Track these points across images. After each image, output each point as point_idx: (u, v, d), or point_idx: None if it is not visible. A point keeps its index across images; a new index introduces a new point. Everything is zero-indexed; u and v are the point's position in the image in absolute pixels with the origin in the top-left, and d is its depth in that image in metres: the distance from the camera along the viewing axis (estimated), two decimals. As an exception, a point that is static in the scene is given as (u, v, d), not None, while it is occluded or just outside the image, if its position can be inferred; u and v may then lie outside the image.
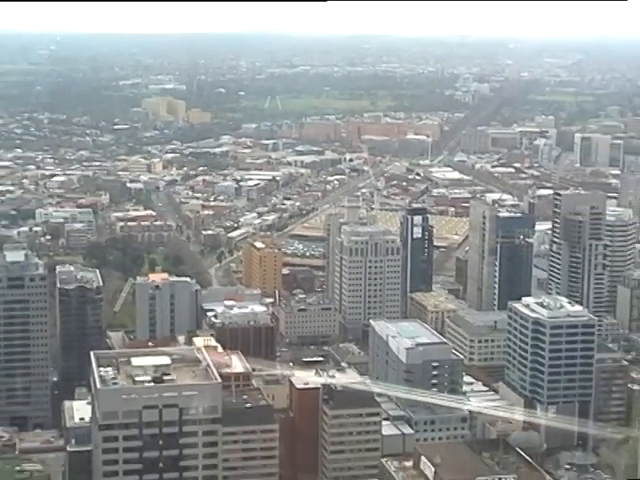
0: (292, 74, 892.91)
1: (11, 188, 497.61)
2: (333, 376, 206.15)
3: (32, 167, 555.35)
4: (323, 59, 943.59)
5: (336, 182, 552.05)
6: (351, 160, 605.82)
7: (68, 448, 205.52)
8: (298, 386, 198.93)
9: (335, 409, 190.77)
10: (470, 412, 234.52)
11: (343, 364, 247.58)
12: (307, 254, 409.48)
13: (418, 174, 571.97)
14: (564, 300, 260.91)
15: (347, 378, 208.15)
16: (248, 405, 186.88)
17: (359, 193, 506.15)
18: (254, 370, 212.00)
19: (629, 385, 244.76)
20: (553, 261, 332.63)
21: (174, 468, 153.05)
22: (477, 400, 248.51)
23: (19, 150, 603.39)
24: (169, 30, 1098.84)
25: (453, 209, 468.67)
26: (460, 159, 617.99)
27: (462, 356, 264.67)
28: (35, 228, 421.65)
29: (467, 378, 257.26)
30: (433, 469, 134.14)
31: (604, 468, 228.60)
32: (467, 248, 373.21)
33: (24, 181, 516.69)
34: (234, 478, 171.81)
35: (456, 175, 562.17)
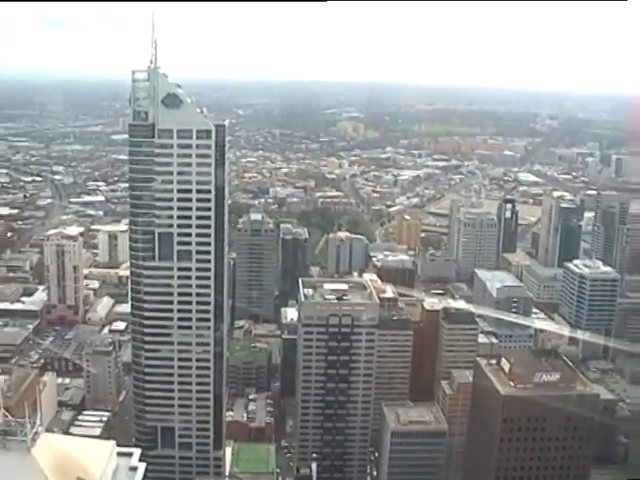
0: (431, 109, 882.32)
1: (255, 175, 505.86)
2: (449, 303, 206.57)
3: (268, 162, 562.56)
4: (452, 100, 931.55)
5: (457, 179, 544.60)
6: (467, 166, 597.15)
7: (283, 336, 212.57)
8: (427, 308, 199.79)
9: (449, 324, 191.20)
10: (535, 331, 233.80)
11: (456, 296, 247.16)
12: (437, 225, 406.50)
13: (510, 177, 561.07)
14: (600, 263, 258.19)
15: (458, 305, 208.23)
16: (395, 318, 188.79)
17: (472, 187, 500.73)
18: (400, 296, 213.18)
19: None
20: (594, 237, 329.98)
21: (346, 353, 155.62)
22: (540, 324, 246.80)
23: (261, 152, 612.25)
24: (354, 79, 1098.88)
25: (532, 200, 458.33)
26: (537, 168, 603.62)
27: (532, 295, 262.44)
28: (269, 200, 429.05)
29: (534, 309, 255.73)
30: (509, 366, 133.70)
31: (618, 372, 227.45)
32: (539, 226, 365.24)
33: (263, 171, 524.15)
34: (384, 362, 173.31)
35: (534, 178, 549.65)
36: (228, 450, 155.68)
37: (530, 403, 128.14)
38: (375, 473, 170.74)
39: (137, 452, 73.44)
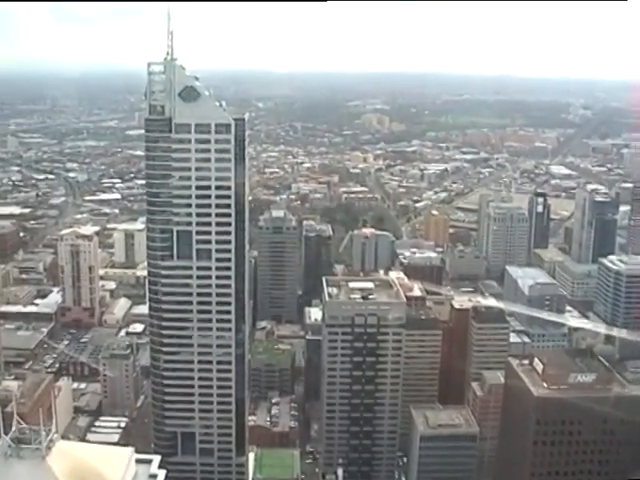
0: (460, 100, 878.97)
1: (277, 170, 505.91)
2: (479, 301, 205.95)
3: (290, 157, 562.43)
4: (480, 90, 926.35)
5: (487, 173, 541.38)
6: (497, 159, 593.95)
7: (306, 337, 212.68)
8: (456, 306, 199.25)
9: (479, 323, 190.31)
10: (569, 330, 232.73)
11: (486, 294, 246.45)
12: (465, 220, 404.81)
13: (541, 170, 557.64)
14: (637, 258, 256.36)
15: (488, 303, 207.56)
16: (422, 317, 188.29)
17: (501, 181, 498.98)
18: (428, 294, 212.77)
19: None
20: (630, 232, 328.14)
21: (372, 355, 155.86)
22: (574, 322, 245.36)
23: (282, 146, 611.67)
24: (379, 69, 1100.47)
25: (564, 194, 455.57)
26: (570, 160, 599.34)
27: (566, 292, 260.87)
28: (291, 196, 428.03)
29: (568, 308, 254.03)
30: (542, 366, 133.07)
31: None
32: (572, 220, 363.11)
33: (285, 166, 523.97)
34: (412, 363, 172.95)
35: (567, 171, 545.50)
36: (251, 456, 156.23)
37: (564, 405, 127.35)
38: (404, 479, 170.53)
39: (157, 459, 73.59)
